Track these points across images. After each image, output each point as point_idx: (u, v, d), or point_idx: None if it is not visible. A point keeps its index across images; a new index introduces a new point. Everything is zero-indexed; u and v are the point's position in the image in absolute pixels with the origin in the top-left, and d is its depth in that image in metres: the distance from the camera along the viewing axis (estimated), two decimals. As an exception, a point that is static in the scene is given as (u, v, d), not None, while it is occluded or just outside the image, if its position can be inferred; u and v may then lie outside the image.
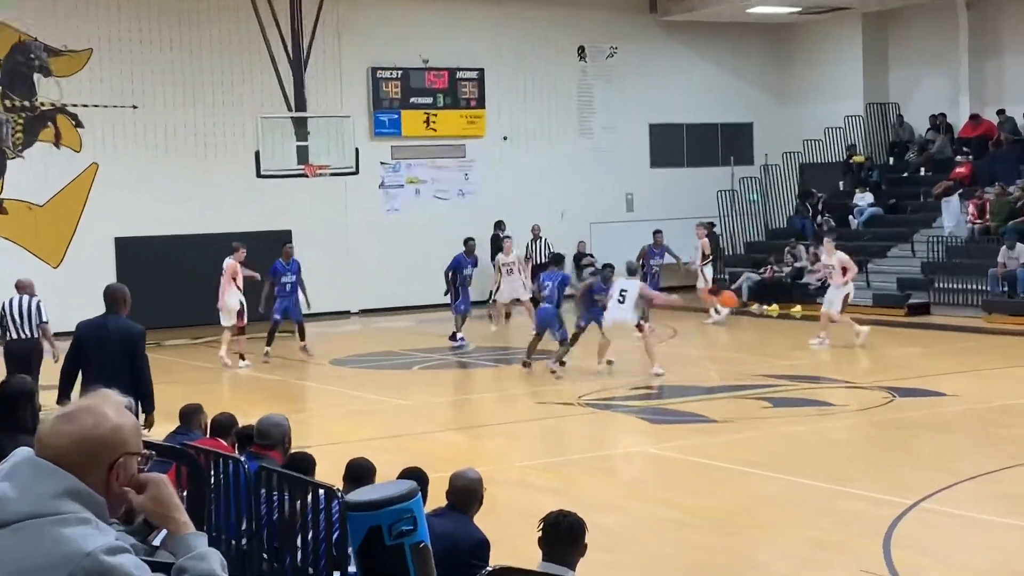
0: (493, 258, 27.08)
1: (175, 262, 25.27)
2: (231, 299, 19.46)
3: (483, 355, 20.43)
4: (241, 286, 19.48)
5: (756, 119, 31.80)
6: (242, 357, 19.37)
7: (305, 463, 7.25)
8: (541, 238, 27.17)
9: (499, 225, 27.77)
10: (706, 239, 24.99)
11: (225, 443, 8.60)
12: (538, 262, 26.43)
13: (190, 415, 9.30)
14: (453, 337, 21.64)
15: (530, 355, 18.23)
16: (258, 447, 7.51)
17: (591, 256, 29.51)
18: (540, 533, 5.47)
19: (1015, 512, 10.10)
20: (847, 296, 20.42)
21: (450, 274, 21.95)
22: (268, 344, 20.16)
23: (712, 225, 27.82)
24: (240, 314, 19.40)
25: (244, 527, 6.99)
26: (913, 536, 9.45)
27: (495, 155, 28.83)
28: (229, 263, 19.64)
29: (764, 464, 11.87)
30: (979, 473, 11.34)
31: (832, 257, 20.68)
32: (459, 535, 6.17)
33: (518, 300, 22.92)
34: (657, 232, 24.34)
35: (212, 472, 7.14)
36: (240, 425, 8.70)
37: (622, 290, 17.80)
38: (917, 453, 12.66)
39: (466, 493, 6.41)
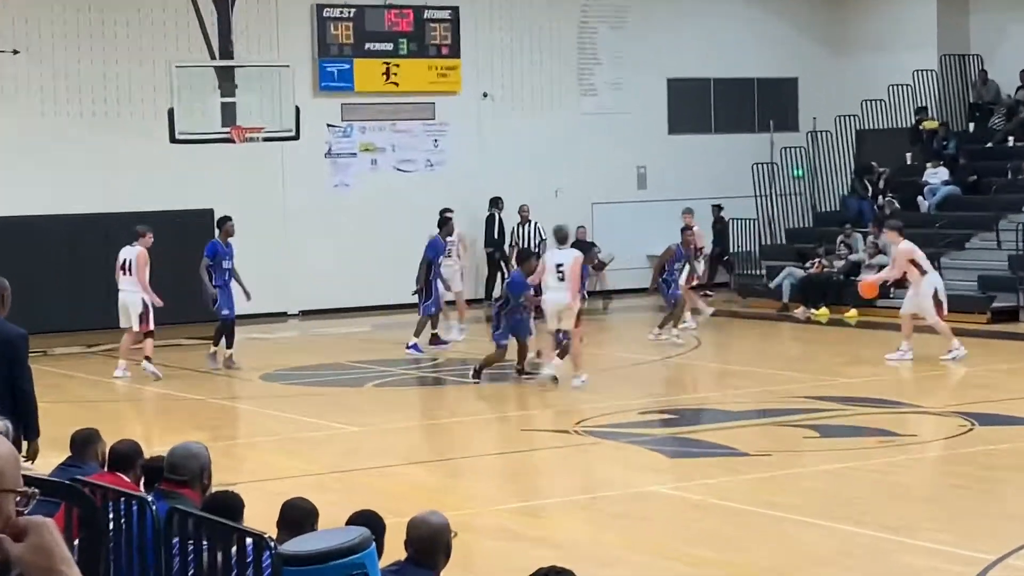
0: (488, 245, 27.17)
1: (66, 250, 25.23)
2: (133, 297, 19.52)
3: (456, 369, 20.45)
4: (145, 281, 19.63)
5: (802, 73, 31.88)
6: (149, 360, 19.64)
7: (231, 504, 7.24)
8: (531, 221, 27.18)
9: (496, 203, 27.84)
10: (698, 228, 24.97)
11: (127, 479, 8.59)
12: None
13: (84, 443, 9.29)
14: (436, 340, 21.75)
15: (520, 366, 18.46)
16: (169, 483, 7.51)
17: (594, 245, 29.57)
18: None
19: (1123, 571, 10.15)
20: (936, 292, 20.31)
21: (426, 264, 21.93)
22: (229, 347, 20.49)
23: (720, 208, 27.87)
24: (144, 317, 19.43)
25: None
26: (995, 600, 9.50)
27: (472, 117, 28.84)
28: (139, 252, 19.64)
29: (808, 509, 11.90)
30: (1079, 522, 11.40)
31: (895, 249, 20.67)
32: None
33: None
34: (687, 227, 24.25)
35: (111, 514, 7.13)
36: (146, 457, 8.69)
37: (558, 264, 17.95)
38: (1001, 496, 12.70)
39: (430, 543, 6.41)
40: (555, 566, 5.59)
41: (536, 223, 27.16)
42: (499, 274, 27.44)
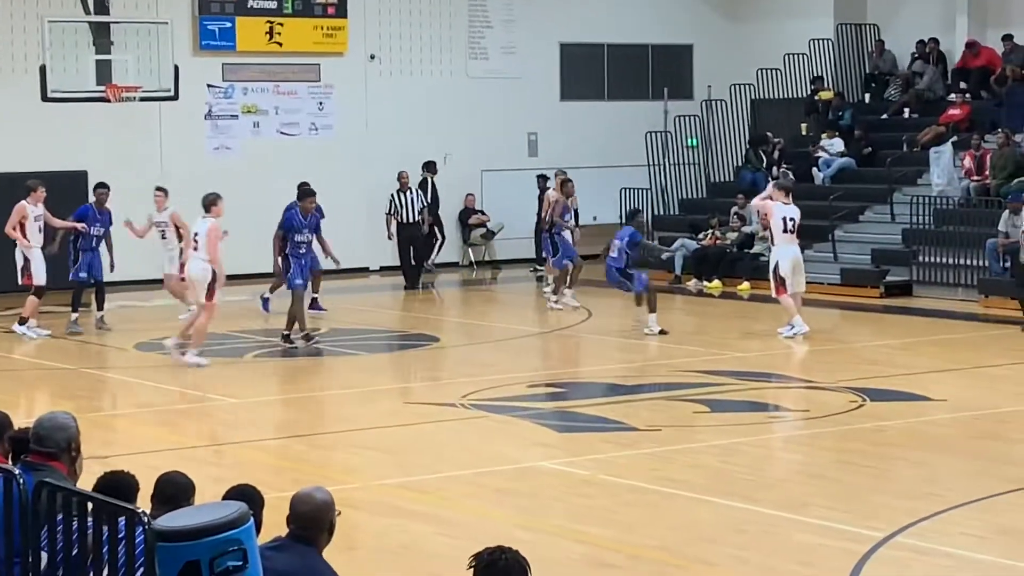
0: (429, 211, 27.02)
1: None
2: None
3: (338, 340, 20.35)
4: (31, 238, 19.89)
5: (697, 40, 32.04)
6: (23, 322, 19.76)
7: (125, 485, 7.13)
8: (410, 188, 26.94)
9: (429, 167, 27.64)
10: (552, 193, 24.81)
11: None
12: (409, 219, 26.31)
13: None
14: (313, 305, 21.67)
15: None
16: (37, 456, 7.39)
17: (482, 213, 29.57)
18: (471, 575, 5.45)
19: (1016, 550, 10.34)
20: (776, 267, 20.01)
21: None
22: (75, 310, 20.68)
23: (545, 179, 27.61)
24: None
25: (17, 560, 6.88)
26: (886, 578, 9.63)
27: (359, 79, 28.68)
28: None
29: (699, 485, 11.99)
30: (970, 499, 11.57)
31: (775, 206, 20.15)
32: (306, 575, 6.13)
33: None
34: (567, 181, 24.24)
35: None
36: (14, 428, 8.54)
37: (195, 233, 18.20)
38: (892, 473, 12.87)
39: (314, 519, 6.37)
40: (501, 546, 5.53)
41: (416, 190, 26.94)
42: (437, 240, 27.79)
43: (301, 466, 12.74)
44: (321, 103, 28.45)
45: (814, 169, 28.42)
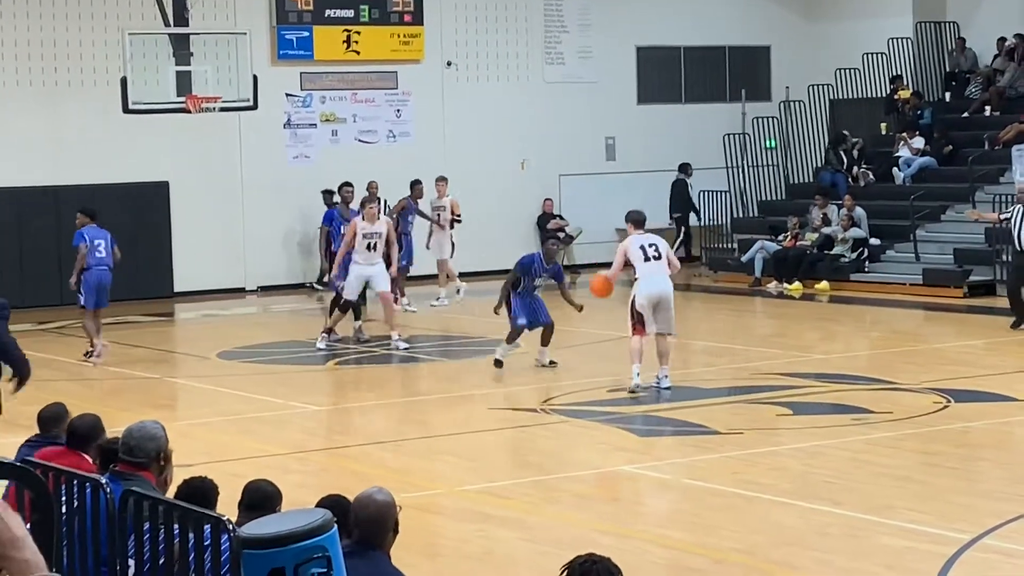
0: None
1: (15, 224, 25.07)
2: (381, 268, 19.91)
3: (420, 347, 20.42)
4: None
5: (775, 42, 31.90)
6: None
7: (204, 491, 7.20)
8: (379, 199, 25.31)
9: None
10: (453, 198, 24.89)
11: (88, 457, 8.52)
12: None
13: (53, 420, 9.13)
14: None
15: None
16: (126, 465, 7.46)
17: (561, 218, 29.56)
18: None
19: (1103, 550, 10.21)
20: (632, 302, 16.30)
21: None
22: (357, 318, 20.63)
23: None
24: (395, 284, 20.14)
25: (104, 569, 6.94)
26: (973, 581, 9.55)
27: (436, 86, 28.77)
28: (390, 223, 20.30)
29: (782, 489, 11.93)
30: (1058, 500, 11.46)
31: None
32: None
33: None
34: (416, 183, 24.41)
35: (64, 497, 7.08)
36: (105, 433, 8.62)
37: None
38: (978, 474, 12.76)
39: (377, 522, 6.36)
40: (593, 555, 5.51)
41: (384, 200, 24.47)
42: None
43: (383, 472, 12.79)
44: (399, 110, 28.56)
45: (895, 169, 28.23)
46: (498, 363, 17.78)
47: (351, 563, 6.14)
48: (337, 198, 23.68)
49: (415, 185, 24.39)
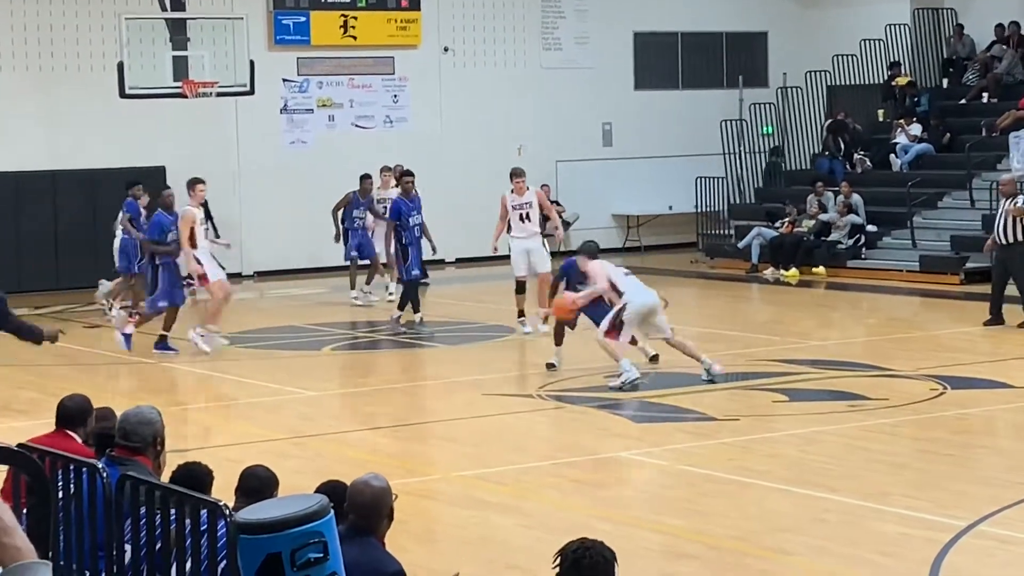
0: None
1: (10, 209, 25.04)
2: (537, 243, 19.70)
3: (415, 332, 20.42)
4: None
5: (772, 28, 31.87)
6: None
7: (199, 476, 7.22)
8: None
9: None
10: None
11: (77, 437, 8.53)
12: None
13: (81, 415, 8.92)
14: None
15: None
16: (122, 450, 7.47)
17: (557, 204, 29.54)
18: (556, 572, 5.45)
19: (1098, 537, 10.23)
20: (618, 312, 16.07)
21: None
22: (416, 310, 20.47)
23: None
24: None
25: (101, 554, 6.95)
26: (968, 568, 9.55)
27: (433, 72, 28.74)
28: (538, 193, 19.87)
29: (778, 475, 11.95)
30: (1053, 487, 11.47)
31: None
32: (367, 566, 6.13)
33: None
34: (366, 177, 23.81)
35: (60, 481, 7.09)
36: (99, 420, 8.62)
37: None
38: (974, 461, 12.78)
39: (372, 508, 6.38)
40: (585, 540, 5.52)
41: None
42: None
43: (380, 458, 12.80)
44: (396, 96, 28.54)
45: (892, 155, 28.22)
46: (551, 366, 17.34)
47: (344, 548, 6.16)
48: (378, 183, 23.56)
49: (364, 179, 23.85)
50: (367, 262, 23.38)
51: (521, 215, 19.64)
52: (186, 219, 18.35)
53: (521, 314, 19.32)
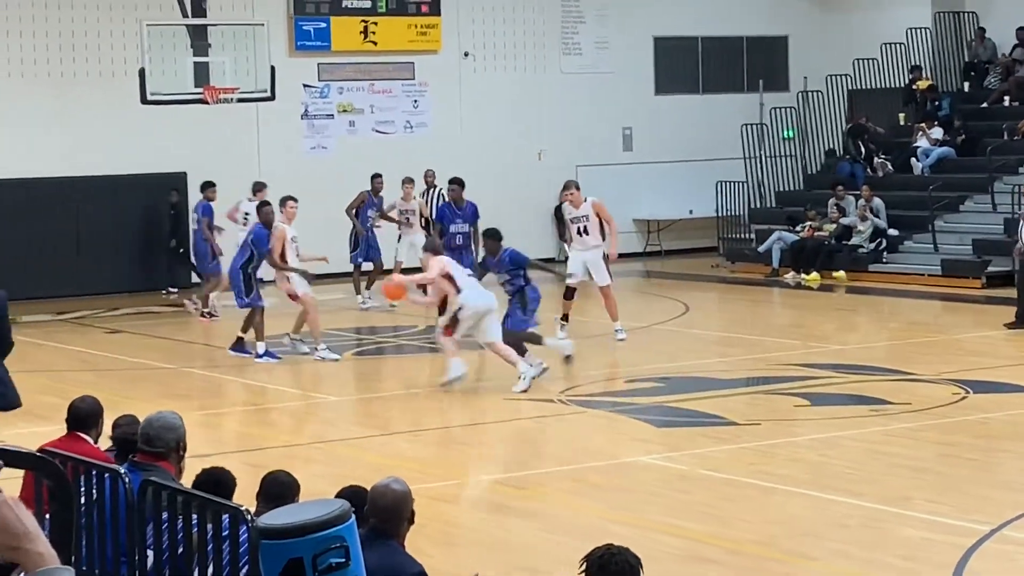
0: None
1: (32, 215, 25.12)
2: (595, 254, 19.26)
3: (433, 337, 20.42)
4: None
5: (792, 32, 31.83)
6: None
7: (222, 481, 7.24)
8: (435, 187, 24.61)
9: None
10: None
11: (89, 439, 8.56)
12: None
13: (93, 417, 8.95)
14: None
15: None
16: (145, 455, 7.49)
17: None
18: None
19: (1121, 542, 10.19)
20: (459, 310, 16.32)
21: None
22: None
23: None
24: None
25: (124, 560, 6.98)
26: (991, 573, 9.53)
27: (453, 77, 28.76)
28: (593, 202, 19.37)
29: (799, 479, 11.93)
30: (1076, 491, 11.45)
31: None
32: (388, 569, 6.15)
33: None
34: (377, 176, 23.96)
35: (83, 487, 7.12)
36: (122, 426, 8.65)
37: None
38: (997, 465, 12.74)
39: (393, 511, 6.39)
40: (611, 545, 5.54)
41: (440, 189, 24.35)
42: None
43: (402, 463, 12.81)
44: (416, 101, 28.57)
45: (913, 159, 28.17)
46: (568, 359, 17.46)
47: (366, 551, 6.18)
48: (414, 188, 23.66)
49: (375, 179, 23.99)
50: (371, 266, 23.57)
51: (579, 228, 19.33)
52: (278, 236, 18.49)
53: (565, 319, 19.20)
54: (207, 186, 23.07)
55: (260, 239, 18.78)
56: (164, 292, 25.47)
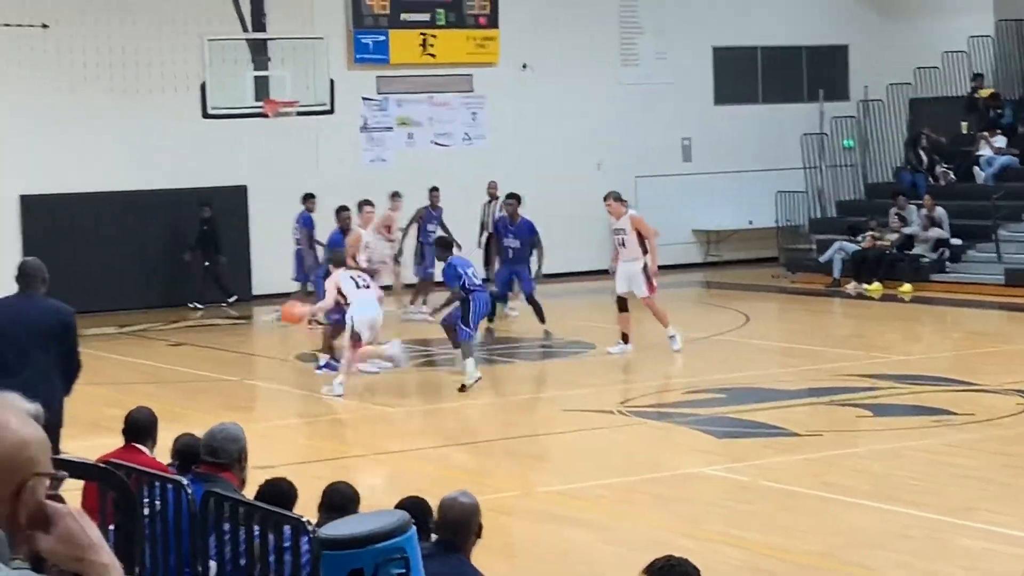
0: None
1: (96, 228, 25.34)
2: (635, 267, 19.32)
3: (494, 349, 20.47)
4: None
5: (852, 41, 31.70)
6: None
7: (284, 493, 7.29)
8: (497, 198, 24.59)
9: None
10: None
11: (145, 449, 8.64)
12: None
13: (149, 427, 9.02)
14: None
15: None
16: (208, 466, 7.55)
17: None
18: None
19: None
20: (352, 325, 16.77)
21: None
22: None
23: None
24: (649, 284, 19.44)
25: (186, 570, 7.04)
26: (1055, 584, 9.47)
27: (511, 89, 28.80)
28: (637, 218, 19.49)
29: (861, 491, 11.88)
30: None
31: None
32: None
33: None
34: (435, 190, 24.09)
35: (146, 498, 7.18)
36: (185, 439, 8.72)
37: None
38: (1061, 476, 12.65)
39: (461, 524, 6.43)
40: (671, 557, 5.54)
41: (500, 201, 24.11)
42: None
43: (461, 474, 12.84)
44: (474, 113, 28.63)
45: (975, 168, 28.00)
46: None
47: (433, 564, 6.21)
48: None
49: (433, 192, 24.12)
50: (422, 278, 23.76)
51: (619, 240, 19.42)
52: (352, 241, 18.60)
53: (625, 338, 19.16)
54: (308, 197, 23.45)
55: (336, 244, 18.95)
56: (191, 305, 25.29)
